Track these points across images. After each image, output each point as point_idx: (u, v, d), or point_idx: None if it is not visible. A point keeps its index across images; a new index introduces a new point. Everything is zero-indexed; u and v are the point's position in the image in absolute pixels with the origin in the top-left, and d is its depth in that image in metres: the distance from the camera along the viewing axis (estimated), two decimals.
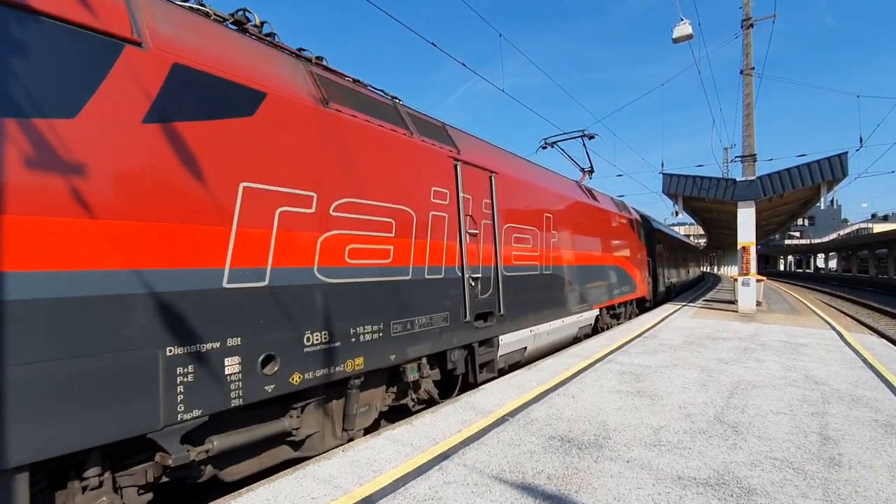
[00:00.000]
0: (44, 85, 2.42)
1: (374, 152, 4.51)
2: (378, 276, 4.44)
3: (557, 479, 3.33)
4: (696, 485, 3.26)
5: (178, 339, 2.87)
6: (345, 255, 4.10)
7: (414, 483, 3.30)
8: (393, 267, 4.59)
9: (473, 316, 5.81)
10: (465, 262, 5.65)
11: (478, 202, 6.09)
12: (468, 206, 5.86)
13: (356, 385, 4.33)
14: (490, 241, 6.32)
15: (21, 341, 2.27)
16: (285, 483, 3.32)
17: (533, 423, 4.49)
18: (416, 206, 4.95)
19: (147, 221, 2.76)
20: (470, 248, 5.82)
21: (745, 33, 15.56)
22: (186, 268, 2.94)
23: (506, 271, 6.64)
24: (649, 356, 7.59)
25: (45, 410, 2.32)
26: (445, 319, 5.33)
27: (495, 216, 6.42)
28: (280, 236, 3.52)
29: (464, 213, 5.70)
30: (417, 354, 4.94)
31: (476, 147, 6.54)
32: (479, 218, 6.06)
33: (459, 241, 5.62)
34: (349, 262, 4.14)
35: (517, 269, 7.01)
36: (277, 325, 3.47)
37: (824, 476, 3.38)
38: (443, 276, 5.30)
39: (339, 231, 4.05)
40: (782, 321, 12.13)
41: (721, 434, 4.19)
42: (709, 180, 14.30)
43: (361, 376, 4.33)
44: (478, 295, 5.94)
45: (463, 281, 5.64)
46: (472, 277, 5.81)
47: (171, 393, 2.82)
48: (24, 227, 2.29)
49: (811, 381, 5.95)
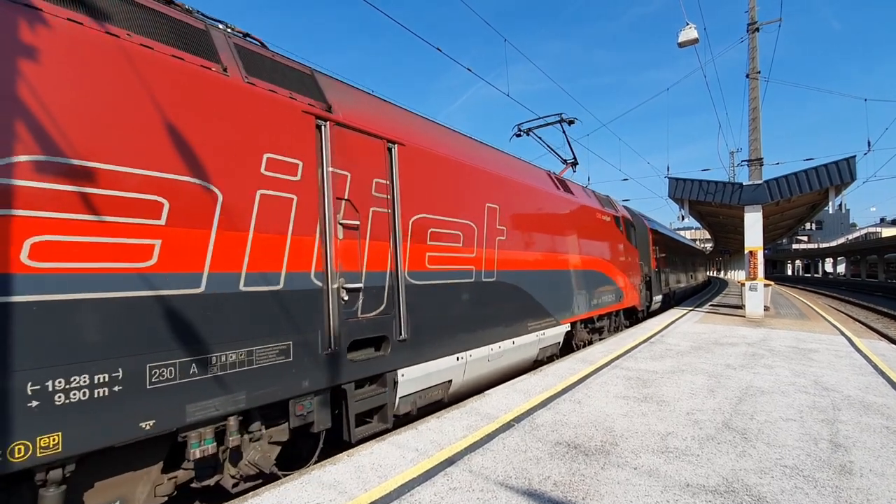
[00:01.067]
0: None
1: (126, 89, 2.94)
2: (116, 288, 2.77)
3: (564, 486, 3.31)
4: (705, 492, 3.22)
5: None
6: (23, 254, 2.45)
7: (419, 489, 3.29)
8: (156, 273, 2.94)
9: (347, 344, 4.17)
10: (332, 266, 4.06)
11: (363, 181, 4.51)
12: (342, 185, 4.26)
13: (55, 482, 2.58)
14: (385, 237, 4.70)
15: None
16: (290, 489, 3.32)
17: (539, 429, 4.46)
18: (224, 179, 3.37)
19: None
20: (344, 245, 4.23)
21: (750, 37, 15.51)
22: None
23: (414, 278, 4.98)
24: (656, 361, 7.53)
25: None
26: (285, 352, 3.65)
27: (395, 202, 4.83)
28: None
29: (331, 194, 4.10)
30: (216, 412, 3.20)
31: (365, 106, 4.91)
32: (364, 203, 4.49)
33: (322, 236, 4.03)
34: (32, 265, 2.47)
35: (436, 276, 5.32)
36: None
37: (835, 484, 3.33)
38: (281, 286, 3.65)
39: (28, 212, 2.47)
40: (791, 326, 12.00)
41: (730, 441, 4.14)
42: (715, 184, 14.23)
43: (68, 462, 2.62)
44: (357, 313, 4.29)
45: (326, 293, 4.01)
46: (348, 288, 4.18)
47: None
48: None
49: (821, 388, 5.87)
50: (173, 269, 3.04)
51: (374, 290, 4.51)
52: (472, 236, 6.08)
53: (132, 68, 2.98)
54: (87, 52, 2.80)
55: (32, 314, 2.44)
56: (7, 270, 2.38)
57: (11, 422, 2.36)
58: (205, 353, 3.15)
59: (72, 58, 2.74)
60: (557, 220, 8.56)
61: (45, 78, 2.60)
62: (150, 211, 2.96)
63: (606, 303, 10.71)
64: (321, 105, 4.28)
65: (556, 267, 8.36)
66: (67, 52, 2.72)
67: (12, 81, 2.49)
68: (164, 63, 3.16)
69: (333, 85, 4.69)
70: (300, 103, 4.06)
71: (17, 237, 2.42)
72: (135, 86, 2.97)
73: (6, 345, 2.36)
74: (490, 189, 6.55)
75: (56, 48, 2.68)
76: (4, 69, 2.46)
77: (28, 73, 2.54)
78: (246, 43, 4.02)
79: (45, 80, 2.60)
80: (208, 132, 3.33)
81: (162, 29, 3.30)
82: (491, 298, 6.38)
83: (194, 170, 3.22)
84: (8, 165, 2.41)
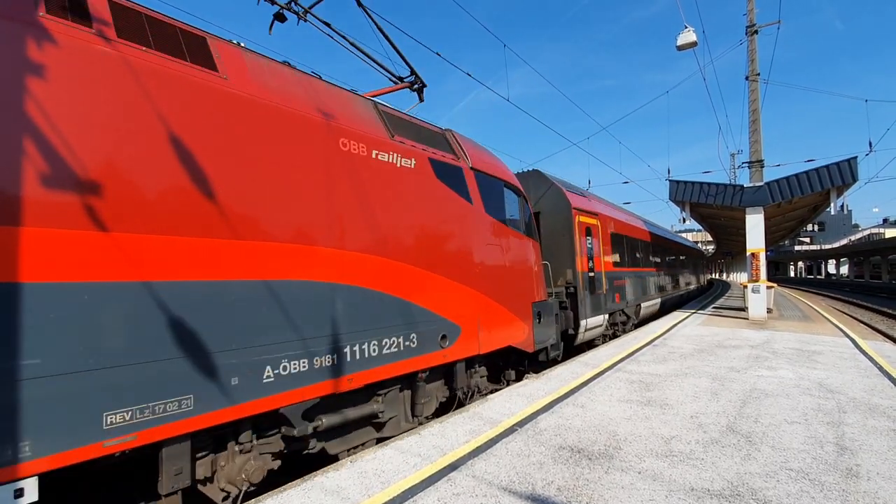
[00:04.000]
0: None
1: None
2: None
3: (567, 491, 3.29)
4: (710, 496, 3.19)
5: None
6: None
7: (422, 494, 3.27)
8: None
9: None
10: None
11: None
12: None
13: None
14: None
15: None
16: (293, 495, 3.31)
17: (542, 434, 4.44)
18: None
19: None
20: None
21: (749, 40, 15.56)
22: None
23: None
24: (659, 365, 7.50)
25: None
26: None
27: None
28: None
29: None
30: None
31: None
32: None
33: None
34: None
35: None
36: None
37: (842, 487, 3.30)
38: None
39: None
40: (794, 328, 11.95)
41: (734, 444, 4.11)
42: (716, 186, 14.22)
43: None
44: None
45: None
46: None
47: None
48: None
49: (826, 390, 5.83)
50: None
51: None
52: None
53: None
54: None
55: None
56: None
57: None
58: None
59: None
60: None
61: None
62: None
63: (351, 367, 4.29)
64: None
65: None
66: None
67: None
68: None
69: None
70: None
71: None
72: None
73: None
74: None
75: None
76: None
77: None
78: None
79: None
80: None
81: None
82: None
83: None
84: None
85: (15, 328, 2.42)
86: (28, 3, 2.70)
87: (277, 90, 4.02)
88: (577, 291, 9.36)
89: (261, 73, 3.99)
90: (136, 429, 2.79)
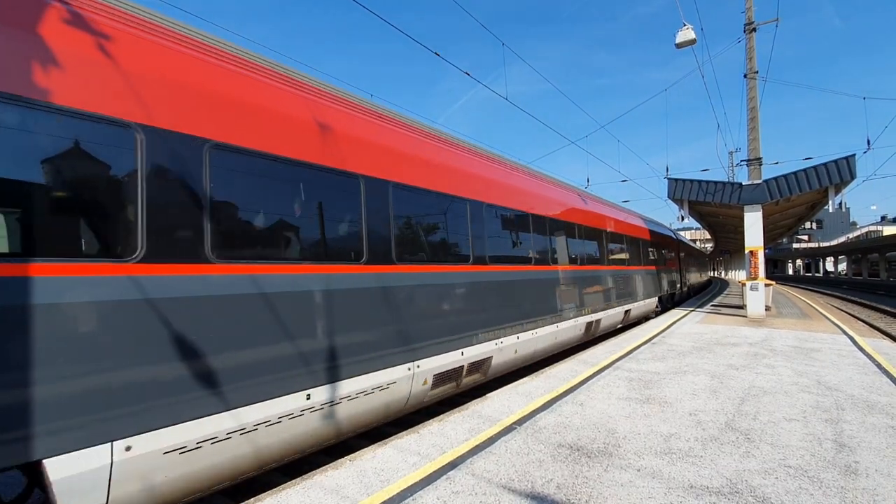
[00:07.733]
0: None
1: None
2: None
3: (567, 489, 3.29)
4: (709, 493, 3.20)
5: None
6: None
7: (422, 493, 3.27)
8: None
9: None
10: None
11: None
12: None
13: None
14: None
15: None
16: (292, 493, 3.30)
17: (541, 432, 4.44)
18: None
19: None
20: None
21: (747, 37, 15.55)
22: None
23: None
24: (658, 362, 7.51)
25: None
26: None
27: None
28: None
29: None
30: None
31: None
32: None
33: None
34: None
35: None
36: None
37: (841, 485, 3.31)
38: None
39: None
40: (793, 326, 11.97)
41: (733, 441, 4.12)
42: (714, 184, 14.24)
43: None
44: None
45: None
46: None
47: None
48: None
49: (824, 387, 5.85)
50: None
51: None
52: None
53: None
54: None
55: None
56: None
57: None
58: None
59: None
60: None
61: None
62: None
63: None
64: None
65: None
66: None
67: None
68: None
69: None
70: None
71: None
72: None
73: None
74: None
75: None
76: None
77: None
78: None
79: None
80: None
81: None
82: None
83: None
84: None
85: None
86: None
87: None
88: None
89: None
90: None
